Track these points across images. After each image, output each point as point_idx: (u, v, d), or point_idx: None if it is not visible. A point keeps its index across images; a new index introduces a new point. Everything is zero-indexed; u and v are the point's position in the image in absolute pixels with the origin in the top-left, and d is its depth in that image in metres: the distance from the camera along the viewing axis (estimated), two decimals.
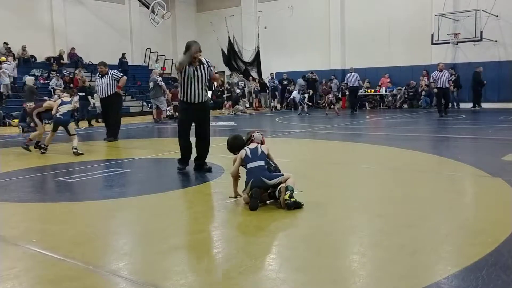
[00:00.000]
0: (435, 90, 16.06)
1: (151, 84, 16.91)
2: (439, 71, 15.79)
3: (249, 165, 4.65)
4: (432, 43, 19.85)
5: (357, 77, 19.47)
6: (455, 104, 20.34)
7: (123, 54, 23.94)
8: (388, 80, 22.17)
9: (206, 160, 6.75)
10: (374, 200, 4.92)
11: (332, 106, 18.95)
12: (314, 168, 7.02)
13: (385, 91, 22.30)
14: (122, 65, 23.39)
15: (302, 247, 3.47)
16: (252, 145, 4.85)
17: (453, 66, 20.77)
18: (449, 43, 19.90)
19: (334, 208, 4.62)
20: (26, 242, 3.69)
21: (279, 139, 11.17)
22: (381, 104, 22.35)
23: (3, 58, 19.18)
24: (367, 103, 22.35)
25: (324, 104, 19.77)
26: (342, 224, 4.06)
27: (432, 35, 19.55)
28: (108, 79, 11.08)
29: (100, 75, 11.25)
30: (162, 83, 17.04)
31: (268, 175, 4.62)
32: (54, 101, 9.41)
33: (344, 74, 23.42)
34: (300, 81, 22.72)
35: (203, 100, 6.66)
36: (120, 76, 11.29)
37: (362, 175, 6.34)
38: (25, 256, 3.45)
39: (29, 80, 15.56)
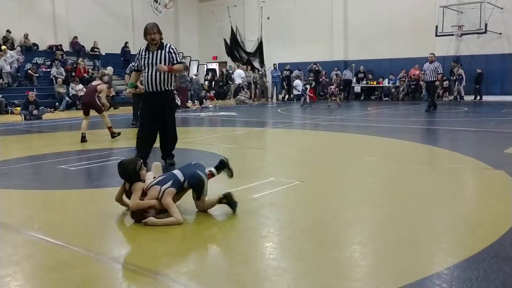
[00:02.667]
0: (422, 82, 15.61)
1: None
2: (429, 63, 14.82)
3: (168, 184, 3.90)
4: (436, 35, 19.75)
5: (352, 71, 22.70)
6: (458, 97, 20.29)
7: (126, 43, 23.85)
8: (418, 71, 21.19)
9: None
10: (375, 191, 4.91)
11: (333, 98, 18.90)
12: (315, 159, 7.01)
13: (388, 83, 22.24)
14: (124, 54, 23.33)
15: (303, 237, 3.47)
16: (150, 177, 4.06)
17: (456, 58, 20.69)
18: (453, 35, 19.79)
19: (335, 199, 4.62)
20: (28, 229, 3.70)
21: (280, 129, 11.16)
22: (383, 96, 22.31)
23: (4, 47, 19.13)
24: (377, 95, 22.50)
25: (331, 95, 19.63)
26: (343, 216, 4.06)
27: (436, 27, 19.45)
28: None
29: None
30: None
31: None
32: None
33: (346, 66, 23.45)
34: (296, 71, 22.89)
35: (162, 89, 5.98)
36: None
37: (363, 167, 6.33)
38: (26, 242, 3.46)
39: (109, 70, 17.80)
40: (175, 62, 6.02)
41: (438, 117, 13.62)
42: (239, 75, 22.21)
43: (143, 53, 6.04)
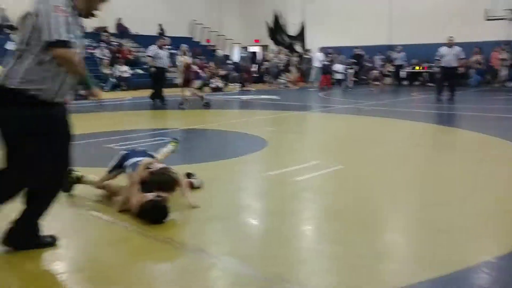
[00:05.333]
0: (437, 68, 14.39)
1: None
2: (448, 47, 13.51)
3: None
4: (486, 19, 18.96)
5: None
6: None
7: (160, 25, 23.89)
8: (501, 56, 19.53)
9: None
10: (414, 178, 4.88)
11: (376, 83, 18.57)
12: (357, 144, 6.96)
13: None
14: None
15: (343, 221, 3.52)
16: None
17: (508, 43, 19.83)
18: (504, 19, 18.95)
19: (377, 185, 4.62)
20: (81, 206, 3.92)
21: (320, 114, 11.12)
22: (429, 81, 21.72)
23: None
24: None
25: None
26: (384, 201, 4.07)
27: (486, 10, 18.66)
28: (168, 52, 12.63)
29: (160, 48, 12.45)
30: None
31: None
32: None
33: (390, 50, 22.93)
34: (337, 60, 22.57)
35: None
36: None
37: (406, 153, 6.25)
38: (80, 218, 3.68)
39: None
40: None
41: (486, 104, 13.18)
42: (317, 58, 21.81)
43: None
